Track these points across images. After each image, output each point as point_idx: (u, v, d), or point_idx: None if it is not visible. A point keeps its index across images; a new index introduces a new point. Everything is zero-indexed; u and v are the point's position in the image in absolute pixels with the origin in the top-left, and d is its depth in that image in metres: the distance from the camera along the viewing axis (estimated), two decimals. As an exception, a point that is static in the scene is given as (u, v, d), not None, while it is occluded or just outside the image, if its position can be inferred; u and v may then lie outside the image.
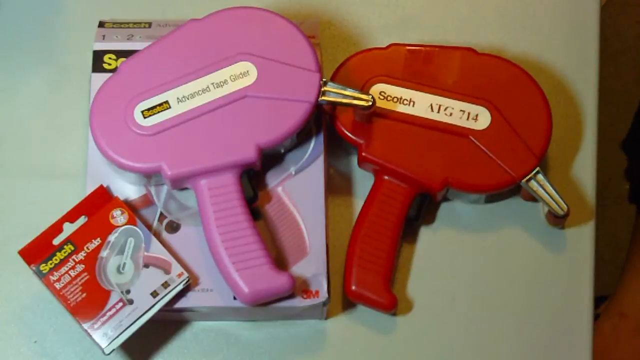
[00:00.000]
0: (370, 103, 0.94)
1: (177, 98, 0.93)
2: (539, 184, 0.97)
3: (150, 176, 0.94)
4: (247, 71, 0.94)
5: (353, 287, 0.96)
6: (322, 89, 0.94)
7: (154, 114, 0.93)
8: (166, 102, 0.93)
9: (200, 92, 0.93)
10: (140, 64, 0.95)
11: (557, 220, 0.98)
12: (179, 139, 0.93)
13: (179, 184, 0.94)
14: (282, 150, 0.97)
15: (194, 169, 0.93)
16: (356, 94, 0.95)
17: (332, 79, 0.99)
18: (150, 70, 0.95)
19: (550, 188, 0.97)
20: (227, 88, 0.94)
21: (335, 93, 0.95)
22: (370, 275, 0.96)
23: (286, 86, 0.94)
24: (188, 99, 0.93)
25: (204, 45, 0.95)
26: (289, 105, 0.94)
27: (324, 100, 0.94)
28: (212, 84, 0.94)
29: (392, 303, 0.96)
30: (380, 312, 0.97)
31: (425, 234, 1.00)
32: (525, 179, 0.97)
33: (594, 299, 1.00)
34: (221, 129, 0.93)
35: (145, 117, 0.93)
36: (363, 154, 0.98)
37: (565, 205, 0.97)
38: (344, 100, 0.95)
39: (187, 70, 0.94)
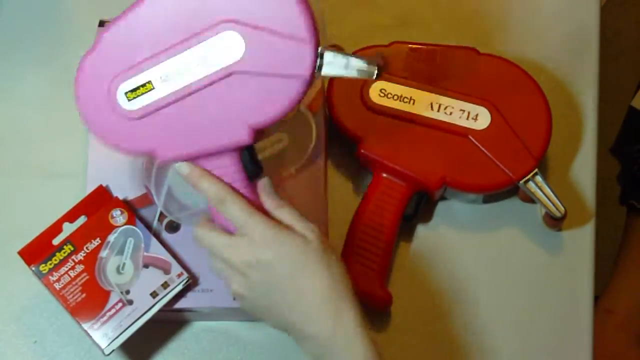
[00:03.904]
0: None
1: (160, 77, 0.84)
2: (537, 186, 0.97)
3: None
4: (234, 43, 0.83)
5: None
6: (319, 62, 0.83)
7: (138, 95, 0.85)
8: (149, 82, 0.85)
9: (183, 70, 0.84)
10: (119, 35, 0.85)
11: (555, 222, 0.98)
12: (167, 122, 0.85)
13: None
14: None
15: (186, 153, 0.86)
16: (359, 64, 0.83)
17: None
18: (130, 43, 0.85)
19: (548, 190, 0.97)
20: (212, 64, 0.84)
21: (334, 66, 0.83)
22: (366, 272, 0.96)
23: (277, 60, 0.83)
24: (172, 78, 0.84)
25: (184, 10, 0.84)
26: (282, 82, 0.83)
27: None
28: (196, 59, 0.84)
29: (387, 300, 0.96)
30: (376, 310, 0.97)
31: (422, 232, 1.00)
32: (523, 180, 0.97)
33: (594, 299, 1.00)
34: (210, 110, 0.85)
35: (129, 100, 0.85)
36: (362, 150, 0.98)
37: (562, 208, 0.97)
38: (345, 74, 0.84)
39: (168, 43, 0.84)
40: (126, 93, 0.85)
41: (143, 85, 0.85)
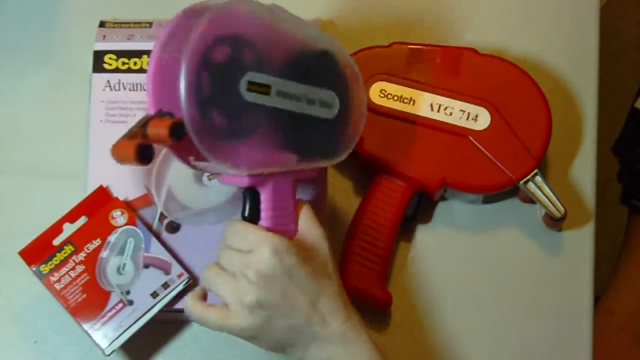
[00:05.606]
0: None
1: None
2: (537, 186, 0.97)
3: None
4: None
5: (349, 284, 0.96)
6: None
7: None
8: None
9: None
10: None
11: (554, 222, 0.98)
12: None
13: None
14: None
15: None
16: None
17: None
18: None
19: (548, 190, 0.97)
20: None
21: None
22: (367, 272, 0.96)
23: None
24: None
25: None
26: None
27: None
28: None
29: (387, 300, 0.96)
30: (376, 310, 0.97)
31: (422, 233, 1.00)
32: (523, 181, 0.97)
33: (594, 299, 1.00)
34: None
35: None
36: (362, 150, 0.98)
37: (562, 208, 0.97)
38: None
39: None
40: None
41: None
